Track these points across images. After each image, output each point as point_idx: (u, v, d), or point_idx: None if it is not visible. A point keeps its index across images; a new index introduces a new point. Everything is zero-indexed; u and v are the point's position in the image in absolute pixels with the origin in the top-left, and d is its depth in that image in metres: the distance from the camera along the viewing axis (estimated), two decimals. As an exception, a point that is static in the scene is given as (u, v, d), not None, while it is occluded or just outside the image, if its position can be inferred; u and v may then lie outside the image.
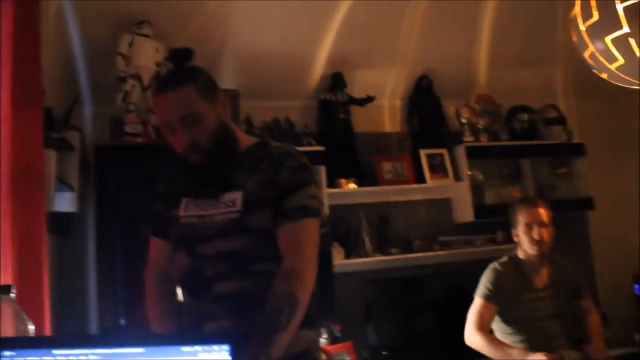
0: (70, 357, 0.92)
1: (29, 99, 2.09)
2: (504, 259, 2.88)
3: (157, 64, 3.43)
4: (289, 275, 1.41)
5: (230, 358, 0.91)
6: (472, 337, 2.72)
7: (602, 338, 2.88)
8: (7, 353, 0.93)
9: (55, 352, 0.93)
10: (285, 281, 1.40)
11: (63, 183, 2.94)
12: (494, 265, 2.85)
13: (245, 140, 1.62)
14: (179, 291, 1.64)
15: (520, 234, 2.82)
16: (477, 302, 2.77)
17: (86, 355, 0.92)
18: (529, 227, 2.77)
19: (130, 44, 3.36)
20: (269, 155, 1.54)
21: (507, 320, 2.77)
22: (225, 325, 1.41)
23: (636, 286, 4.36)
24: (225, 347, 0.91)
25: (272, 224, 1.47)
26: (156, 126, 3.39)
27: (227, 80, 3.63)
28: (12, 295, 1.39)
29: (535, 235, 2.75)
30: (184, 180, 1.60)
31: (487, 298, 2.75)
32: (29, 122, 2.09)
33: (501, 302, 2.75)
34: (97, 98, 3.58)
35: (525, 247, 2.81)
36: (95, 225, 3.36)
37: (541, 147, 4.39)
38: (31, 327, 1.40)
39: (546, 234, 2.77)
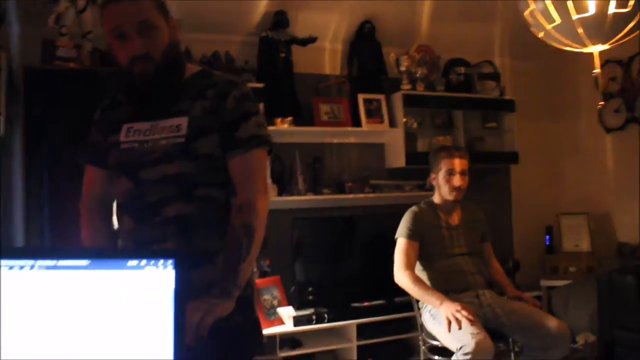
0: (15, 267, 0.94)
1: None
2: (421, 203, 3.12)
3: (94, -13, 3.28)
4: (243, 207, 1.46)
5: (174, 271, 0.95)
6: (400, 276, 2.90)
7: (509, 281, 3.14)
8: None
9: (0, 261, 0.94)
10: (241, 214, 1.45)
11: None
12: (412, 208, 3.07)
13: (189, 68, 1.62)
14: (114, 219, 1.65)
15: (440, 180, 3.02)
16: (401, 242, 2.95)
17: (31, 265, 0.94)
18: (449, 174, 2.97)
19: (65, -39, 3.19)
20: (213, 83, 1.55)
21: (428, 255, 2.97)
22: (171, 248, 1.44)
23: (547, 237, 4.68)
24: (170, 262, 0.95)
25: (218, 151, 1.49)
26: (92, 52, 3.29)
27: (170, 9, 3.51)
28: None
29: (455, 182, 2.97)
30: (124, 107, 1.59)
31: (409, 237, 2.93)
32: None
33: (421, 238, 2.95)
34: (28, 18, 3.40)
35: (442, 193, 3.03)
36: (22, 149, 3.25)
37: (474, 100, 4.53)
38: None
39: (463, 182, 3.00)
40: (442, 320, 2.69)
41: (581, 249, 4.51)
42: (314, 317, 3.61)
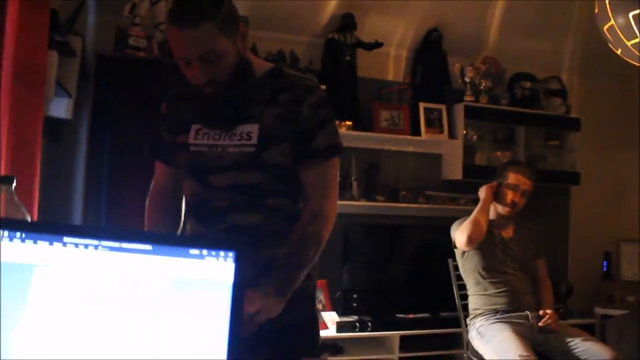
0: (80, 245, 0.96)
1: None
2: None
3: (169, -21, 3.35)
4: (317, 216, 1.45)
5: (234, 264, 0.94)
6: (457, 231, 2.93)
7: (552, 302, 2.98)
8: (17, 234, 0.97)
9: (66, 238, 0.96)
10: (315, 222, 1.44)
11: (61, 88, 2.92)
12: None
13: (260, 66, 1.55)
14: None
15: (500, 191, 2.97)
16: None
17: (95, 246, 0.95)
18: (511, 188, 2.90)
19: (143, -47, 3.28)
20: (287, 87, 1.49)
21: (481, 268, 2.91)
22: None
23: (605, 263, 4.50)
24: (231, 254, 0.95)
25: (287, 160, 1.46)
26: (162, 43, 3.36)
27: (237, 6, 3.55)
28: (14, 186, 1.40)
29: (513, 197, 2.91)
30: (194, 107, 1.52)
31: None
32: (34, 19, 2.04)
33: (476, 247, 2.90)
34: (104, 6, 3.51)
35: (498, 206, 2.97)
36: (87, 135, 3.35)
37: (539, 116, 4.41)
38: (28, 219, 1.42)
39: (520, 200, 2.95)
40: (491, 338, 2.63)
41: (641, 278, 4.33)
42: (357, 324, 3.57)
